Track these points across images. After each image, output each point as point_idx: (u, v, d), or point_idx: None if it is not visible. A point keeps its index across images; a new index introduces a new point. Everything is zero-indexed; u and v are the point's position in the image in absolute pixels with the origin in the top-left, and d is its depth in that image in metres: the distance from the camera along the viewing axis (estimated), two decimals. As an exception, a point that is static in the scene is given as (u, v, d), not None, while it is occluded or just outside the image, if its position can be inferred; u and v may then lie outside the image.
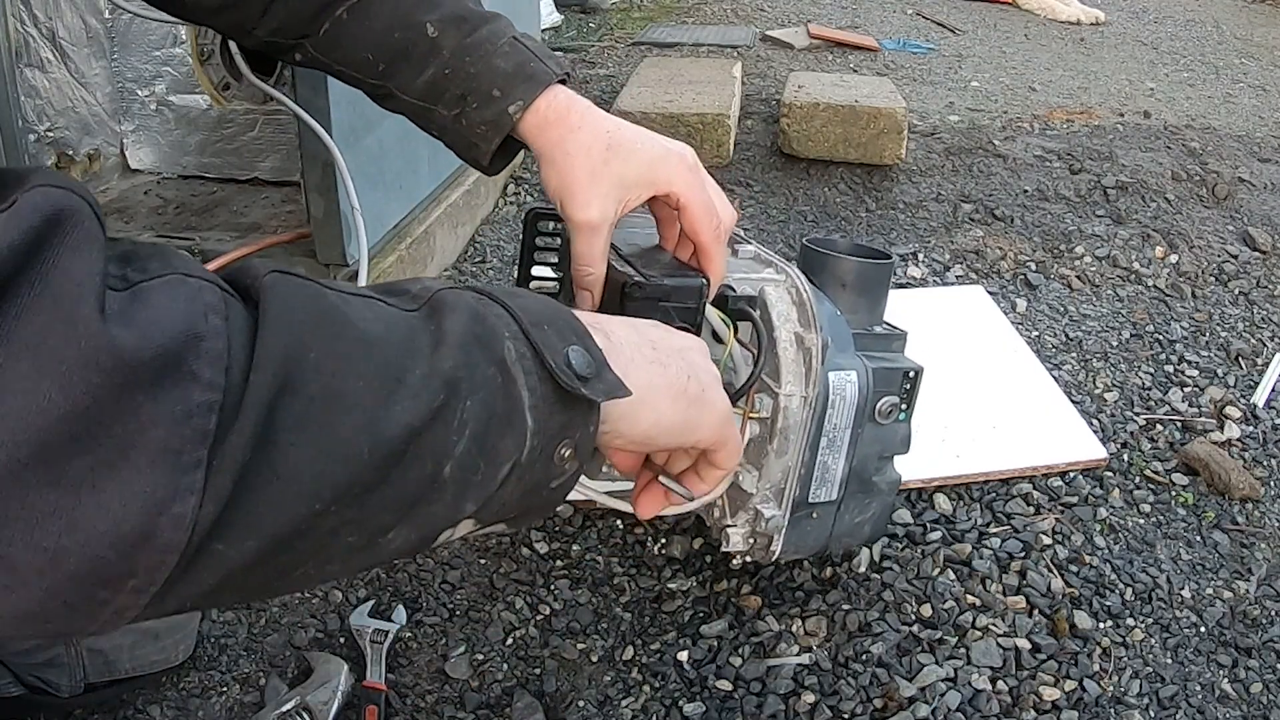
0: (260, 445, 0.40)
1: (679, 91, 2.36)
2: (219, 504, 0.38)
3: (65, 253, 0.36)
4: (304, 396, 0.41)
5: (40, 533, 0.35)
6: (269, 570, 0.43)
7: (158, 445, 0.37)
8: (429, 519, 0.48)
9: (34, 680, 0.92)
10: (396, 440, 0.45)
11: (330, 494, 0.43)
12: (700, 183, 0.81)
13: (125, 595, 0.38)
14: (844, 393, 0.91)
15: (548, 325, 0.53)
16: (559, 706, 0.98)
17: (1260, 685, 1.01)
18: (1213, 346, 1.63)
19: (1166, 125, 2.58)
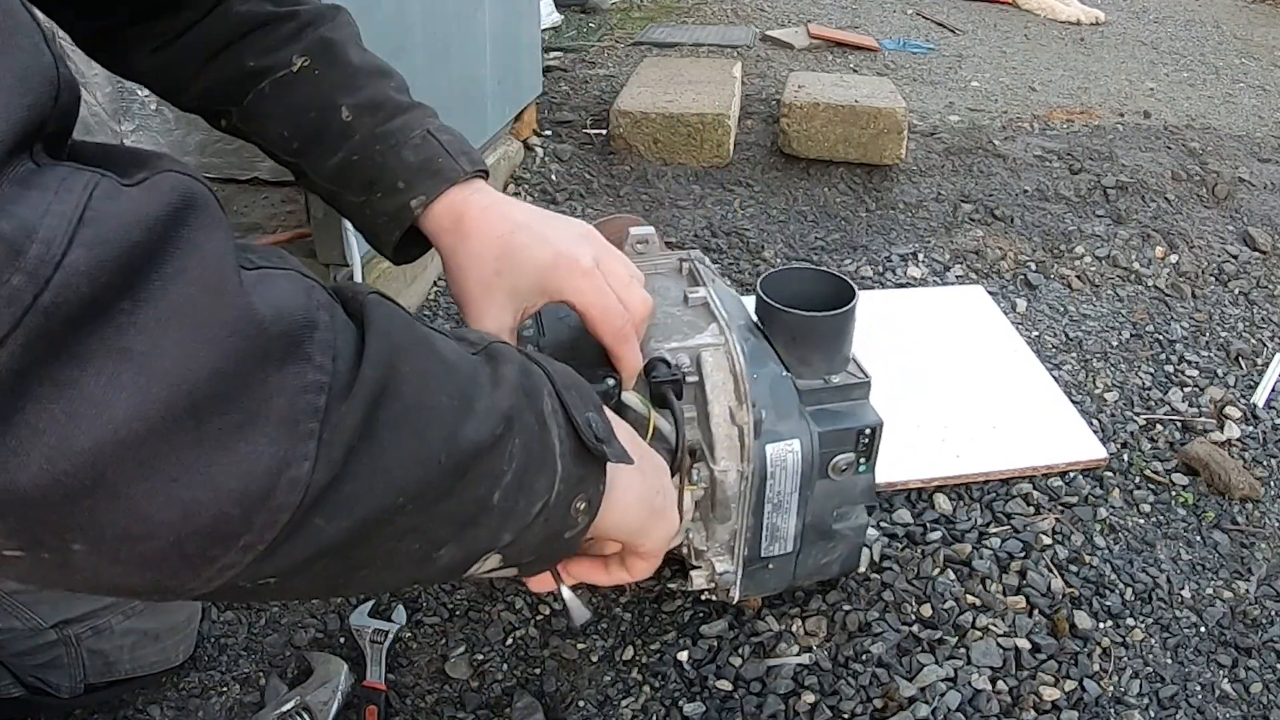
0: (363, 433, 0.43)
1: (679, 91, 2.36)
2: (329, 473, 0.41)
3: (203, 230, 0.39)
4: (400, 400, 0.46)
5: (179, 487, 0.38)
6: (346, 561, 0.46)
7: (281, 413, 0.40)
8: (474, 541, 0.53)
9: (34, 681, 0.92)
10: (466, 456, 0.49)
11: (411, 491, 0.46)
12: (596, 285, 0.79)
13: (235, 553, 0.40)
14: (785, 464, 0.88)
15: (574, 390, 0.60)
16: (559, 706, 0.98)
17: (1260, 685, 1.01)
18: (1213, 346, 1.63)
19: (1166, 125, 2.58)
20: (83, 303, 0.35)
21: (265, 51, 0.83)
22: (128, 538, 0.38)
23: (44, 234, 0.34)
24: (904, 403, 1.40)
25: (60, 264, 0.34)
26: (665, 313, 0.95)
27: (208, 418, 0.38)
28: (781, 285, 0.97)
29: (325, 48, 0.84)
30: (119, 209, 0.36)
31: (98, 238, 0.35)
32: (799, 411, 0.90)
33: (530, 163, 2.17)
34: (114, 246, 0.35)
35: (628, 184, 2.15)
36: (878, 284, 1.81)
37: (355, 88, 0.83)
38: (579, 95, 2.65)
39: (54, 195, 0.35)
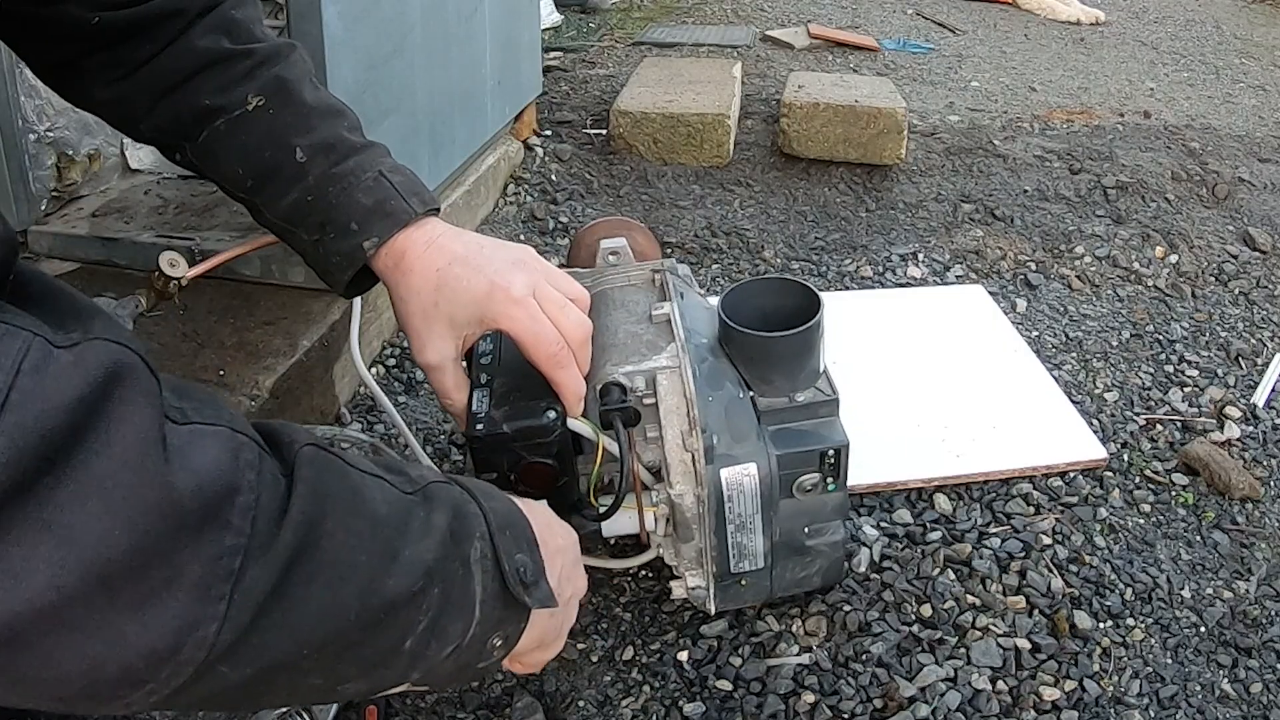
0: (275, 592, 0.46)
1: (679, 91, 2.36)
2: (235, 633, 0.44)
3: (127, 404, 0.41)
4: (318, 558, 0.48)
5: (91, 646, 0.40)
6: (246, 694, 0.48)
7: (194, 579, 0.42)
8: (381, 679, 0.56)
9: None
10: (380, 610, 0.52)
11: (318, 644, 0.49)
12: (529, 313, 0.81)
13: (140, 696, 0.43)
14: (742, 487, 0.88)
15: (509, 530, 0.62)
16: (559, 706, 0.98)
17: (1260, 685, 1.01)
18: (1213, 346, 1.63)
19: (1166, 125, 2.58)
20: (8, 482, 0.37)
21: (220, 89, 0.84)
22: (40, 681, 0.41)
23: None
24: (904, 403, 1.40)
25: None
26: (628, 332, 0.94)
27: (121, 588, 0.40)
28: (746, 300, 0.95)
29: (279, 86, 0.85)
30: (44, 389, 0.38)
31: (18, 426, 0.37)
32: (757, 434, 0.89)
33: (530, 163, 2.17)
34: (35, 434, 0.38)
35: (628, 184, 2.15)
36: (878, 284, 1.81)
37: (309, 128, 0.85)
38: (579, 95, 2.65)
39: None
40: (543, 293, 0.83)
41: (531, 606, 0.62)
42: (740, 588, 0.95)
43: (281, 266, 1.32)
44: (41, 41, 0.83)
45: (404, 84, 1.45)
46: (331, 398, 1.32)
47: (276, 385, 1.17)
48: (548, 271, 0.86)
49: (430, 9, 1.52)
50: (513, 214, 1.98)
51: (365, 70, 1.32)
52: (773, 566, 0.94)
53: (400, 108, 1.44)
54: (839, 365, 1.45)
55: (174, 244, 1.28)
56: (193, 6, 0.84)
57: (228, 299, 1.31)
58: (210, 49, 0.84)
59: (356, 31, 1.28)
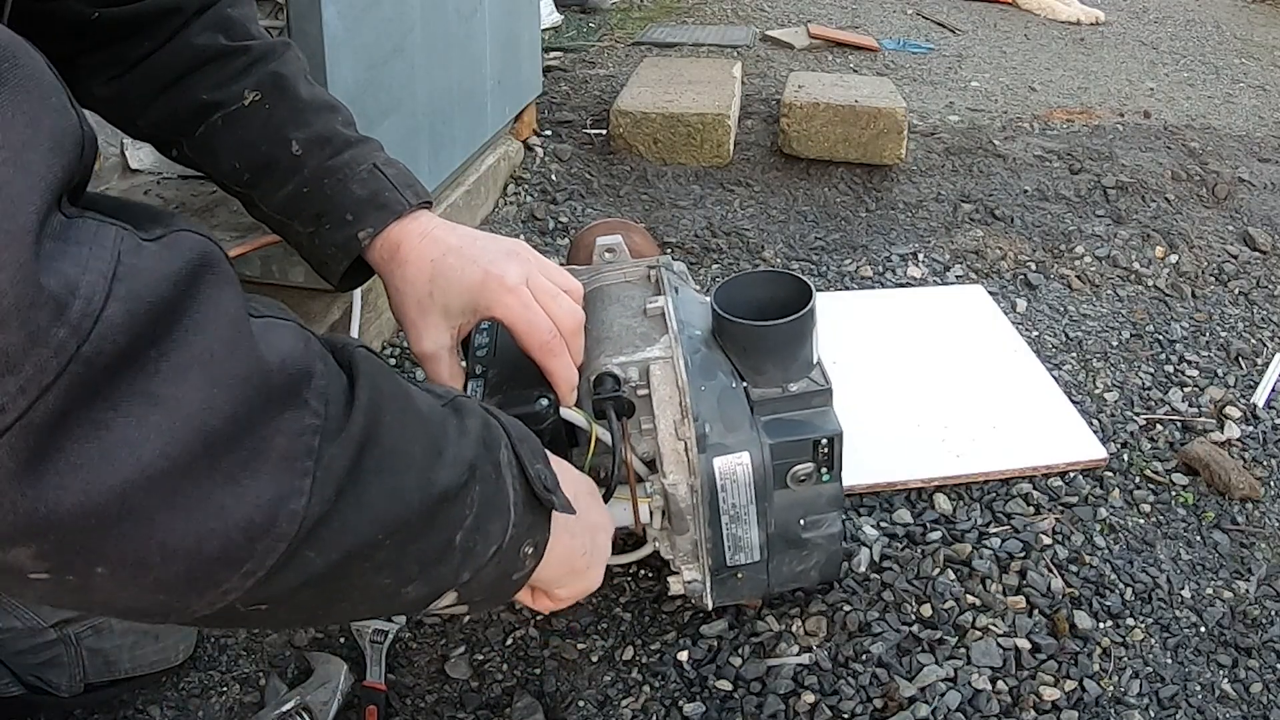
0: (350, 473, 0.48)
1: (679, 91, 2.36)
2: (321, 508, 0.46)
3: (217, 287, 0.43)
4: (382, 447, 0.50)
5: (196, 518, 0.42)
6: (328, 591, 0.50)
7: (281, 452, 0.44)
8: (438, 580, 0.58)
9: (34, 680, 0.92)
10: (435, 500, 0.54)
11: (389, 530, 0.51)
12: (523, 301, 0.82)
13: (237, 578, 0.44)
14: (735, 476, 0.88)
15: (526, 443, 0.65)
16: (559, 706, 0.98)
17: (1260, 685, 1.01)
18: (1213, 346, 1.63)
19: (1166, 125, 2.58)
20: (118, 353, 0.39)
21: (217, 85, 0.85)
22: (147, 564, 0.42)
23: (84, 290, 0.37)
24: (904, 403, 1.40)
25: (99, 318, 0.38)
26: (623, 325, 0.95)
27: (221, 456, 0.42)
28: (739, 292, 0.95)
29: (276, 82, 0.86)
30: (146, 265, 0.40)
31: (131, 293, 0.39)
32: (750, 423, 0.89)
33: (530, 163, 2.17)
34: (144, 302, 0.39)
35: (627, 184, 2.15)
36: (878, 284, 1.81)
37: (304, 122, 0.86)
38: (579, 95, 2.65)
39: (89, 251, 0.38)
40: (536, 282, 0.84)
41: (556, 509, 0.66)
42: (737, 581, 0.95)
43: (282, 266, 1.32)
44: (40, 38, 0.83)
45: (404, 84, 1.45)
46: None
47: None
48: (541, 262, 0.87)
49: (430, 9, 1.52)
50: (513, 214, 1.98)
51: (365, 70, 1.32)
52: (769, 560, 0.94)
53: (400, 108, 1.44)
54: (839, 365, 1.45)
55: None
56: (190, 4, 0.85)
57: (228, 299, 1.31)
58: (207, 46, 0.85)
59: (356, 31, 1.28)
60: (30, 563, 0.39)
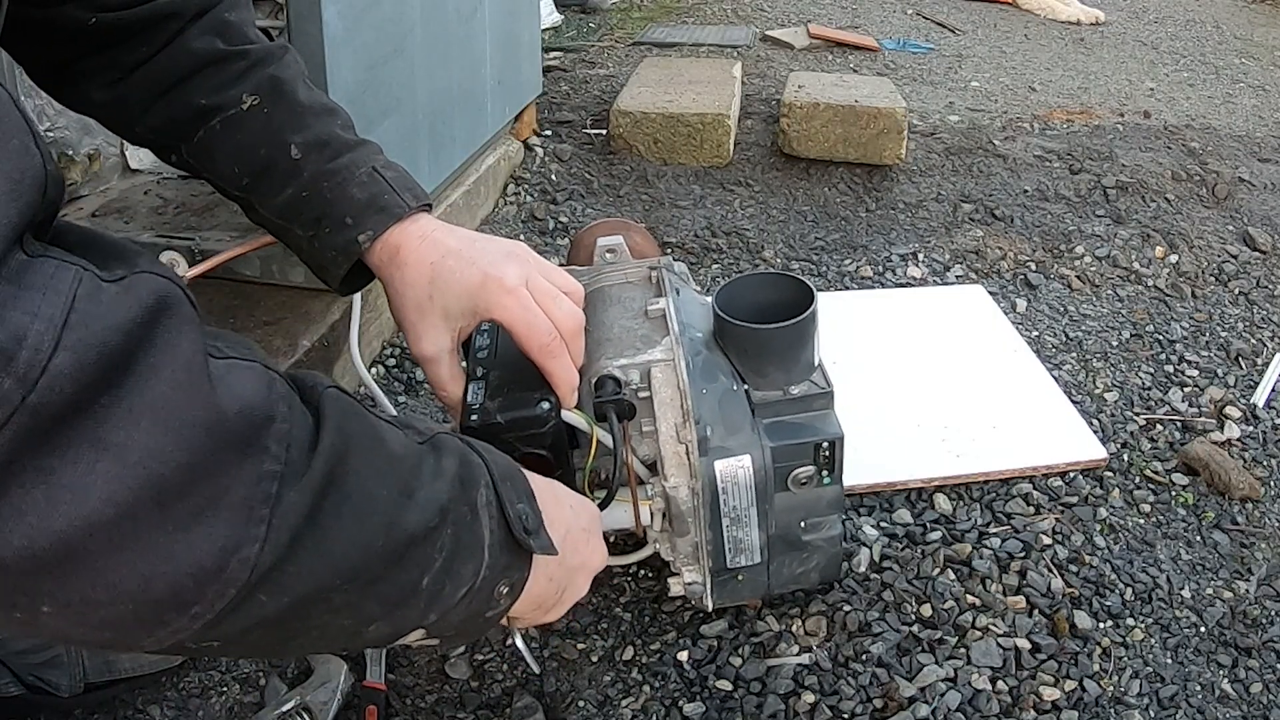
0: (309, 518, 0.47)
1: (679, 91, 2.36)
2: (275, 555, 0.45)
3: (175, 331, 0.43)
4: (345, 490, 0.50)
5: (143, 563, 0.42)
6: (283, 631, 0.50)
7: (237, 500, 0.44)
8: (402, 620, 0.57)
9: (34, 680, 0.92)
10: (401, 544, 0.53)
11: (348, 574, 0.50)
12: (522, 302, 0.82)
13: (186, 620, 0.44)
14: (736, 479, 0.88)
15: (510, 482, 0.64)
16: (559, 706, 0.98)
17: (1260, 685, 1.01)
18: (1213, 346, 1.63)
19: (1166, 125, 2.58)
20: (65, 402, 0.38)
21: (216, 90, 0.85)
22: (92, 603, 0.42)
23: (32, 340, 0.37)
24: (904, 403, 1.40)
25: (46, 368, 0.37)
26: (624, 327, 0.95)
27: (171, 504, 0.42)
28: (740, 295, 0.94)
29: (274, 86, 0.86)
30: (100, 312, 0.39)
31: (80, 342, 0.38)
32: (751, 426, 0.89)
33: (530, 163, 2.17)
34: (94, 350, 0.39)
35: (628, 184, 2.15)
36: (878, 284, 1.81)
37: (303, 126, 0.86)
38: (579, 95, 2.65)
39: (42, 297, 0.38)
40: (535, 284, 0.84)
41: (535, 552, 0.65)
42: (737, 583, 0.95)
43: (281, 266, 1.32)
44: (39, 44, 0.83)
45: (404, 84, 1.45)
46: (331, 398, 1.32)
47: (276, 385, 1.17)
48: (540, 264, 0.87)
49: (430, 9, 1.52)
50: (513, 214, 1.98)
51: (365, 70, 1.32)
52: (769, 562, 0.94)
53: (400, 108, 1.44)
54: (839, 365, 1.45)
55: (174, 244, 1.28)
56: (188, 9, 0.85)
57: (228, 299, 1.31)
58: (205, 50, 0.85)
59: (356, 31, 1.28)
60: None
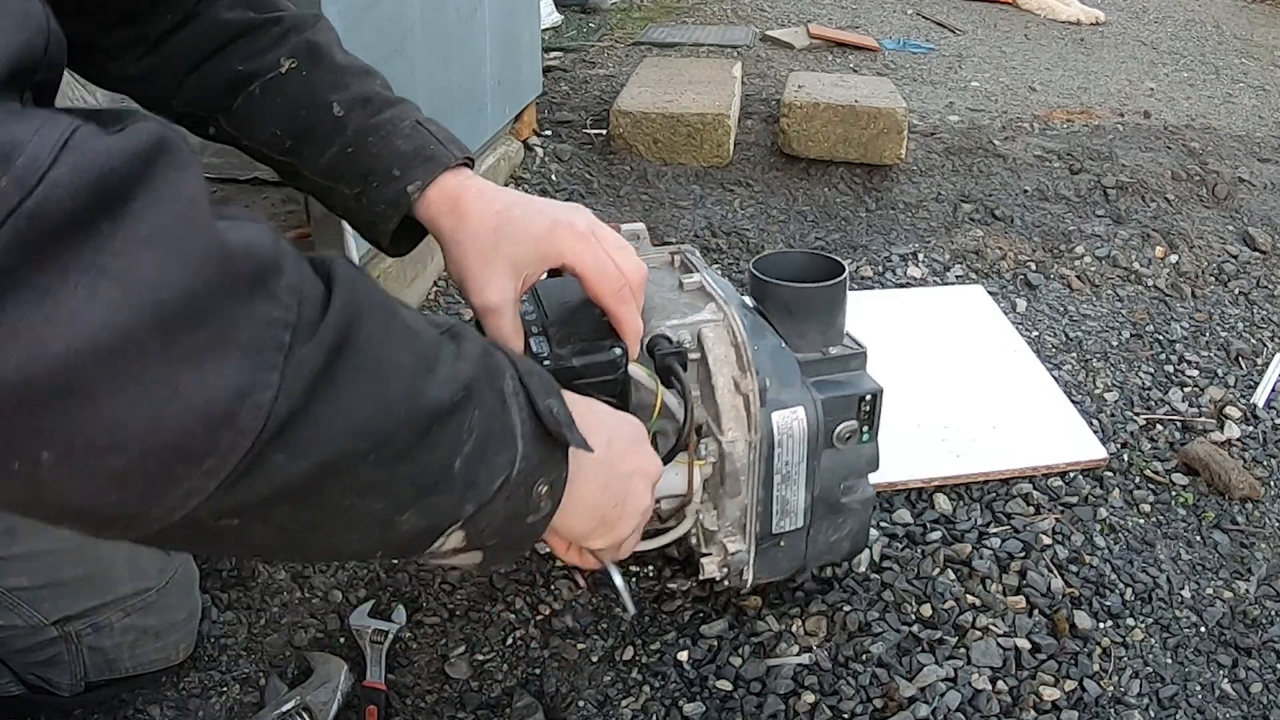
0: (325, 375, 0.44)
1: (679, 91, 2.36)
2: (289, 406, 0.43)
3: (176, 169, 0.41)
4: (361, 352, 0.47)
5: (149, 399, 0.39)
6: (308, 509, 0.47)
7: (246, 342, 0.41)
8: (437, 510, 0.53)
9: (34, 679, 0.92)
10: (425, 415, 0.50)
11: (371, 441, 0.47)
12: (593, 248, 0.81)
13: (199, 476, 0.41)
14: (791, 431, 0.89)
15: (536, 377, 0.61)
16: (559, 706, 0.98)
17: (1260, 685, 1.01)
18: (1213, 346, 1.63)
19: (1166, 125, 2.58)
20: (64, 215, 0.36)
21: (252, 56, 0.85)
22: (96, 447, 0.39)
23: (31, 149, 0.36)
24: (904, 403, 1.40)
25: (45, 176, 0.36)
26: (664, 298, 0.96)
27: (177, 335, 0.39)
28: (774, 266, 0.99)
29: (310, 49, 0.86)
30: (99, 145, 0.38)
31: (80, 160, 0.37)
32: (801, 381, 0.92)
33: (530, 163, 2.17)
34: (95, 170, 0.37)
35: (628, 184, 2.15)
36: (878, 284, 1.82)
37: (343, 85, 0.85)
38: (579, 95, 2.65)
39: (40, 123, 0.37)
40: (601, 233, 0.84)
41: (571, 443, 0.62)
42: (778, 551, 0.96)
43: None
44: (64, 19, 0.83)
45: (404, 84, 1.45)
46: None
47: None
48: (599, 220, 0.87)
49: (430, 9, 1.52)
50: (513, 214, 1.98)
51: (365, 70, 1.32)
52: (809, 526, 0.95)
53: (400, 108, 1.44)
54: (839, 365, 1.45)
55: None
56: None
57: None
58: (237, 20, 0.85)
59: (356, 31, 1.28)
60: None
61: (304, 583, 1.09)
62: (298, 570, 1.10)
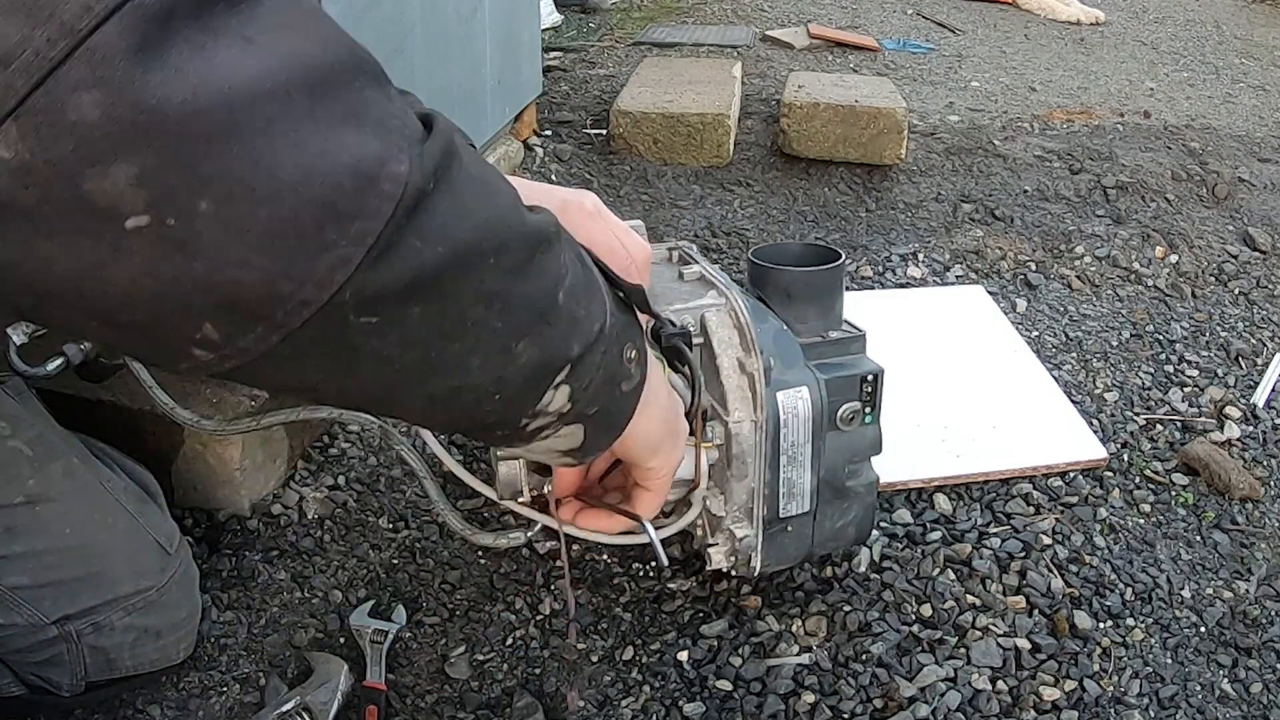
0: (444, 172, 0.46)
1: (679, 91, 2.36)
2: (420, 186, 0.43)
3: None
4: (467, 168, 0.48)
5: (300, 152, 0.40)
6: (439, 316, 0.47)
7: (376, 120, 0.43)
8: (548, 343, 0.54)
9: (35, 679, 0.92)
10: (532, 236, 0.52)
11: (491, 243, 0.48)
12: (602, 227, 0.82)
13: (346, 243, 0.41)
14: (796, 410, 0.91)
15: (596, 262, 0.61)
16: (559, 706, 0.98)
17: (1260, 685, 1.01)
18: (1213, 346, 1.63)
19: (1166, 125, 2.58)
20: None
21: None
22: (253, 196, 0.39)
23: None
24: (904, 403, 1.40)
25: None
26: (665, 287, 0.97)
27: (320, 99, 0.41)
28: (770, 257, 1.01)
29: None
30: None
31: None
32: (804, 362, 0.93)
33: (530, 163, 2.17)
34: None
35: (628, 184, 2.15)
36: (878, 284, 1.82)
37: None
38: (579, 95, 2.65)
39: None
40: (607, 215, 0.85)
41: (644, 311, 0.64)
42: (785, 537, 0.96)
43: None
44: None
45: (404, 84, 1.44)
46: (331, 398, 1.32)
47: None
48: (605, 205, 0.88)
49: (430, 9, 1.52)
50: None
51: (365, 70, 1.32)
52: (815, 511, 0.96)
53: (400, 108, 1.44)
54: (839, 365, 1.45)
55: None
56: None
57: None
58: None
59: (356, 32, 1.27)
60: (130, 193, 0.37)
61: (304, 583, 1.09)
62: (298, 570, 1.10)
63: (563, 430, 0.59)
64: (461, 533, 0.81)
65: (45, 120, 0.35)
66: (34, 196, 0.36)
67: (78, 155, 0.36)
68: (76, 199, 0.37)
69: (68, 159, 0.36)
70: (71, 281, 0.39)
